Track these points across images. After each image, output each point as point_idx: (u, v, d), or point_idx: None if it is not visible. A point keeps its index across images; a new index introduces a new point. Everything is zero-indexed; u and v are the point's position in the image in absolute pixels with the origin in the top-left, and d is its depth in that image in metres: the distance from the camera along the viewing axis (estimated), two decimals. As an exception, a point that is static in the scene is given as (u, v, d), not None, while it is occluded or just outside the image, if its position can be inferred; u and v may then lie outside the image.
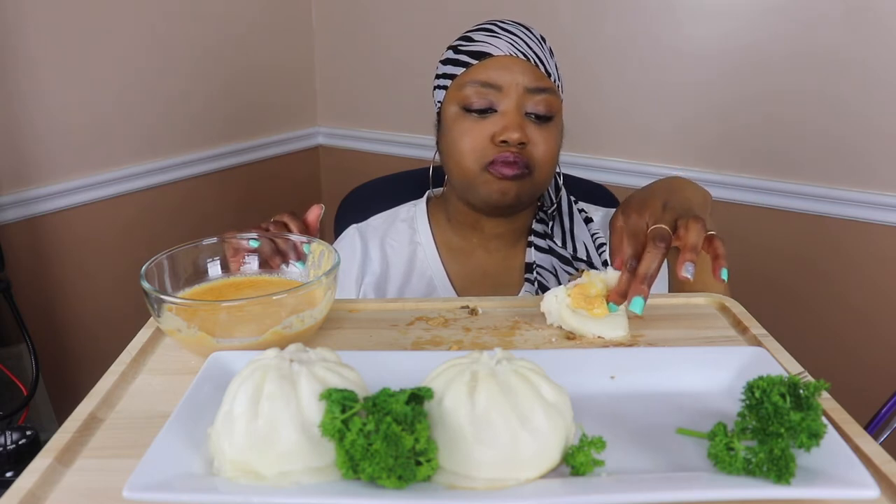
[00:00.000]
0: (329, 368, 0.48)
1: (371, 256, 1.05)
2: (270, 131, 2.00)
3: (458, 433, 0.45)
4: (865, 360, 1.54)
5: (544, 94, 0.92)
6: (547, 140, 0.93)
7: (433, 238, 1.05)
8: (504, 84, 0.91)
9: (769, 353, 0.59)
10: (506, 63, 0.92)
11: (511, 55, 0.92)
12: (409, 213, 1.09)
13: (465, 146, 0.92)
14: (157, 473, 0.44)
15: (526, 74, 0.91)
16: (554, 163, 0.96)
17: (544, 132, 0.92)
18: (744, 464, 0.45)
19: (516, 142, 0.90)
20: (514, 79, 0.91)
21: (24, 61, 1.43)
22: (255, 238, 0.76)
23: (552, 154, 0.94)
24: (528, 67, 0.92)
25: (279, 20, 1.95)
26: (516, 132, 0.89)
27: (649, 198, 0.80)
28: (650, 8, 1.58)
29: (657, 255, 0.69)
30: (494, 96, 0.91)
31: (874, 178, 1.45)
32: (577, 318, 0.69)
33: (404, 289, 1.02)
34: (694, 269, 0.69)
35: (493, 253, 1.04)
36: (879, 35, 1.38)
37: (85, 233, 1.59)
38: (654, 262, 0.69)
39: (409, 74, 1.93)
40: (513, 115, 0.91)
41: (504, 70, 0.91)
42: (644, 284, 0.68)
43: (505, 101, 0.91)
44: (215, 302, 0.64)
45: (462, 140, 0.93)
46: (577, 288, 0.70)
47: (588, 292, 0.69)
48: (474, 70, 0.93)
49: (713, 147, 1.60)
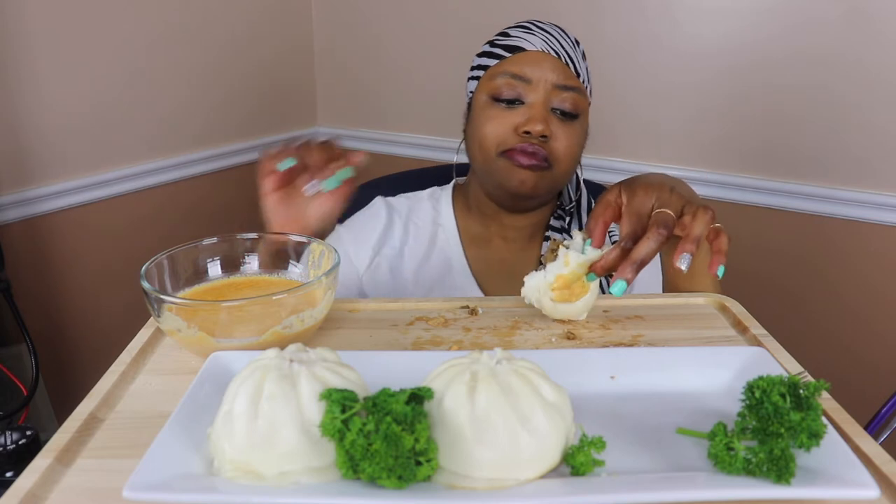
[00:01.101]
0: (329, 368, 0.48)
1: (394, 230, 1.07)
2: (270, 131, 2.00)
3: (458, 433, 0.45)
4: (865, 360, 1.54)
5: (572, 92, 0.94)
6: (569, 137, 0.94)
7: (455, 222, 1.07)
8: (534, 78, 0.93)
9: (769, 353, 0.59)
10: (538, 58, 0.94)
11: (543, 51, 0.94)
12: (435, 195, 1.12)
13: (489, 132, 0.95)
14: (157, 473, 0.44)
15: (556, 71, 0.93)
16: (574, 160, 0.98)
17: (568, 129, 0.94)
18: (744, 464, 0.45)
19: (539, 134, 0.92)
20: (544, 74, 0.93)
21: (25, 62, 1.43)
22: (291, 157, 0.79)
23: (573, 151, 0.96)
24: (559, 65, 0.94)
25: (279, 20, 1.95)
26: (540, 124, 0.91)
27: (657, 181, 0.77)
28: (651, 8, 1.58)
29: (656, 241, 0.66)
30: (523, 88, 0.93)
31: (876, 178, 1.45)
32: (553, 305, 0.70)
33: (422, 266, 1.04)
34: (690, 261, 0.66)
35: (511, 243, 1.06)
36: (881, 35, 1.38)
37: (85, 233, 1.59)
38: (651, 248, 0.66)
39: (409, 74, 1.93)
40: (539, 108, 0.93)
41: (535, 65, 0.94)
42: (633, 269, 0.65)
43: (533, 94, 0.93)
44: (215, 302, 0.64)
45: (487, 126, 0.95)
46: (558, 280, 0.69)
47: (570, 282, 0.69)
48: (507, 62, 0.95)
49: (715, 147, 1.60)
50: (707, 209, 0.70)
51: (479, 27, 1.80)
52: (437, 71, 1.89)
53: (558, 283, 0.69)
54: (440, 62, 1.87)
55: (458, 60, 1.85)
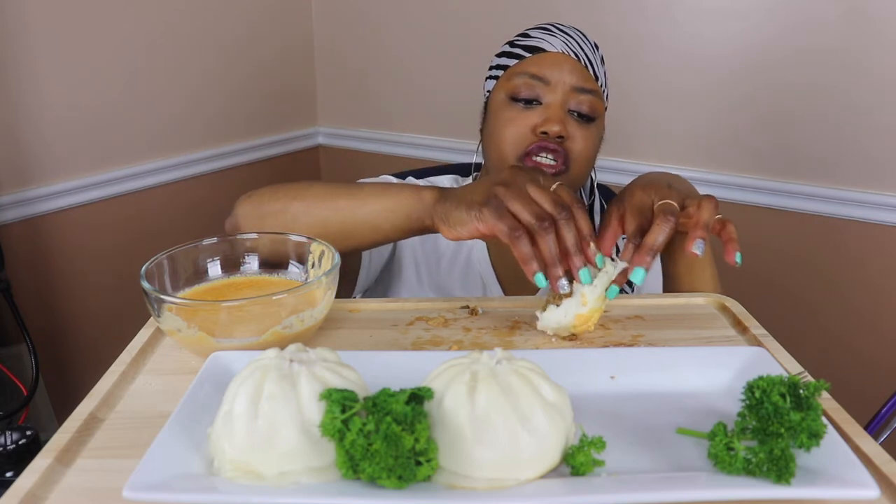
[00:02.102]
0: (329, 368, 0.48)
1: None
2: (270, 131, 2.00)
3: (458, 433, 0.45)
4: (866, 361, 1.54)
5: (589, 94, 0.94)
6: (586, 139, 0.95)
7: None
8: (552, 79, 0.93)
9: (769, 353, 0.59)
10: (557, 60, 0.94)
11: (563, 52, 0.94)
12: (459, 183, 1.11)
13: (507, 133, 0.95)
14: (157, 473, 0.44)
15: (574, 73, 0.94)
16: (589, 163, 0.98)
17: (584, 131, 0.94)
18: (744, 464, 0.45)
19: (556, 134, 0.92)
20: (563, 76, 0.93)
21: (25, 62, 1.43)
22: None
23: (589, 153, 0.96)
24: (578, 67, 0.94)
25: (279, 20, 1.95)
26: (557, 125, 0.91)
27: (653, 180, 0.79)
28: (652, 8, 1.58)
29: (665, 227, 0.68)
30: (541, 89, 0.93)
31: (881, 178, 1.45)
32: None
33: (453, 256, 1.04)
34: (704, 246, 0.68)
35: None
36: (890, 35, 1.38)
37: (85, 233, 1.59)
38: (662, 234, 0.68)
39: (409, 74, 1.93)
40: (556, 109, 0.93)
41: (554, 66, 0.94)
42: (649, 255, 0.67)
43: (550, 95, 0.93)
44: (215, 302, 0.64)
45: (505, 128, 0.95)
46: (578, 319, 0.68)
47: (588, 318, 0.68)
48: (526, 63, 0.96)
49: (720, 148, 1.60)
50: (711, 198, 0.72)
51: (479, 27, 1.81)
52: (438, 70, 1.89)
53: (579, 322, 0.68)
54: (440, 62, 1.87)
55: (458, 60, 1.86)
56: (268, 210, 0.83)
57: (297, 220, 0.80)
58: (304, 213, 0.80)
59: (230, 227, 0.86)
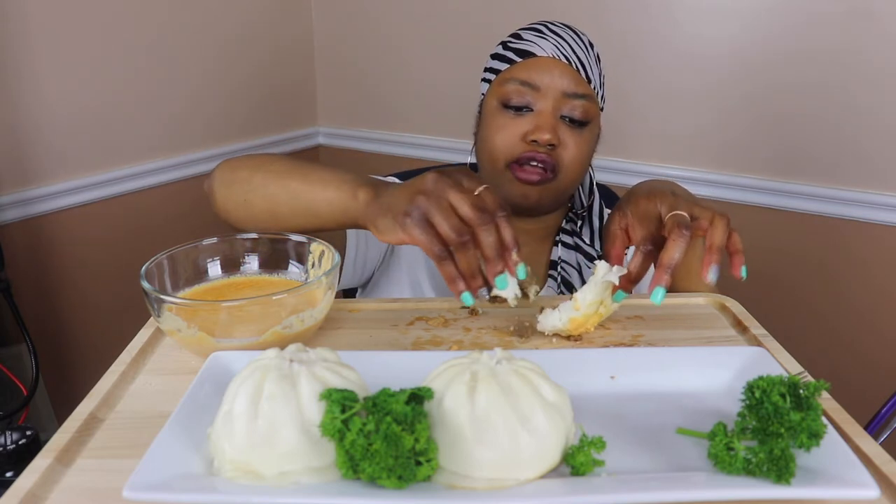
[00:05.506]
0: (329, 368, 0.48)
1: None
2: (270, 131, 2.00)
3: (458, 433, 0.45)
4: (866, 361, 1.54)
5: (581, 99, 0.93)
6: (578, 144, 0.94)
7: None
8: (543, 85, 0.93)
9: (769, 353, 0.59)
10: (548, 64, 0.93)
11: (554, 57, 0.93)
12: None
13: (498, 141, 0.94)
14: (157, 473, 0.44)
15: (565, 78, 0.93)
16: (581, 168, 0.97)
17: (577, 136, 0.94)
18: (744, 464, 0.45)
19: (546, 143, 0.91)
20: (553, 81, 0.92)
21: (25, 62, 1.43)
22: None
23: (580, 159, 0.95)
24: (569, 71, 0.93)
25: (279, 19, 1.95)
26: (547, 133, 0.91)
27: (655, 188, 0.77)
28: (654, 7, 1.58)
29: (682, 242, 0.66)
30: (532, 96, 0.93)
31: (882, 178, 1.45)
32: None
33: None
34: (718, 273, 0.66)
35: (522, 246, 1.05)
36: (890, 35, 1.38)
37: (85, 233, 1.59)
38: (678, 250, 0.65)
39: (410, 74, 1.93)
40: (547, 116, 0.92)
41: (545, 72, 0.93)
42: (667, 273, 0.65)
43: (541, 101, 0.93)
44: (215, 302, 0.64)
45: (496, 135, 0.95)
46: (572, 322, 0.69)
47: (583, 322, 0.69)
48: (517, 68, 0.95)
49: (721, 148, 1.60)
50: (723, 216, 0.70)
51: (480, 25, 1.81)
52: (438, 70, 1.89)
53: (573, 325, 0.69)
54: (441, 61, 1.87)
55: (458, 59, 1.86)
56: (236, 177, 0.84)
57: (255, 192, 0.81)
58: (262, 187, 0.81)
59: (206, 188, 0.87)
